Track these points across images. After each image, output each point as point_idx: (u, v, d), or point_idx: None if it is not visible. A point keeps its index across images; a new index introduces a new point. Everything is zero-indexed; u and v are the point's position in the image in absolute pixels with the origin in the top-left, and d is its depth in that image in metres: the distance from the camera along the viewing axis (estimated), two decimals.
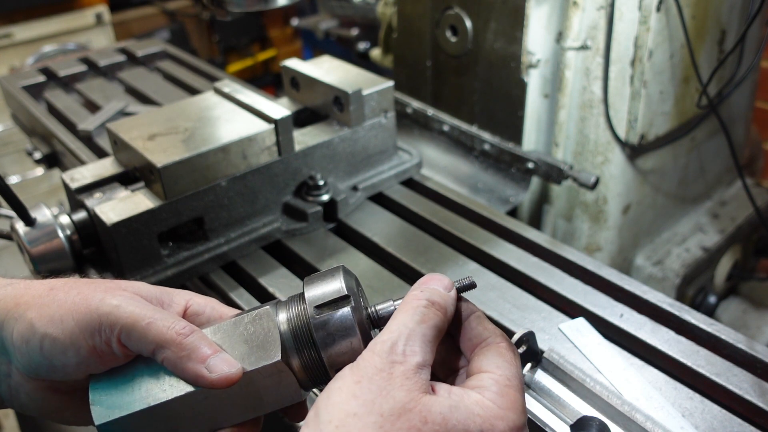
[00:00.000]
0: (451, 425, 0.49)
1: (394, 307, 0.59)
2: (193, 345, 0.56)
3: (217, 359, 0.56)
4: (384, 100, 1.11)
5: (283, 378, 0.58)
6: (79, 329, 0.56)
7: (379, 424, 0.48)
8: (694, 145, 1.38)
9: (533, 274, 0.94)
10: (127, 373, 0.58)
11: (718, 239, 1.39)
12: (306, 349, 0.57)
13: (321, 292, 0.58)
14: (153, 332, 0.56)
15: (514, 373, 0.54)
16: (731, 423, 0.72)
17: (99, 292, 0.58)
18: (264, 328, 0.58)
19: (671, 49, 1.16)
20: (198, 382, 0.56)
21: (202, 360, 0.55)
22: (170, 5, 3.72)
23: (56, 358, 0.57)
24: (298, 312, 0.59)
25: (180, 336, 0.56)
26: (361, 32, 2.21)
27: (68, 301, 0.58)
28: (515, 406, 0.52)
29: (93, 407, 0.57)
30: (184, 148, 0.94)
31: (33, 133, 1.48)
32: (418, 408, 0.49)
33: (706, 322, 0.83)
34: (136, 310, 0.57)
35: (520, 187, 1.24)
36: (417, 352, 0.51)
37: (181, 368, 0.56)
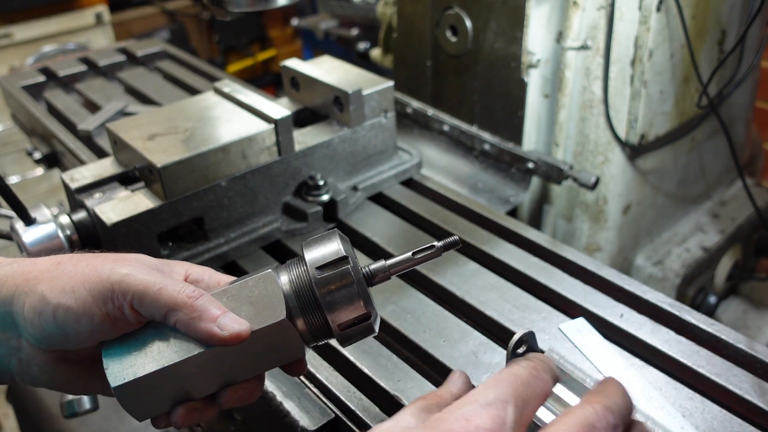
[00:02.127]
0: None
1: (386, 266, 0.64)
2: (204, 306, 0.59)
3: (226, 318, 0.59)
4: (384, 100, 1.11)
5: (287, 335, 0.62)
6: (92, 297, 0.59)
7: None
8: (695, 145, 1.38)
9: (533, 274, 0.94)
10: (139, 338, 0.61)
11: (718, 239, 1.39)
12: (309, 307, 0.61)
13: (320, 254, 0.62)
14: (165, 297, 0.59)
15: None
16: (731, 423, 0.72)
17: (107, 262, 0.61)
18: (268, 290, 0.62)
19: (671, 49, 1.16)
20: (210, 340, 0.59)
21: (213, 320, 0.59)
22: (170, 5, 3.72)
23: (70, 326, 0.59)
24: (299, 273, 0.62)
25: (191, 299, 0.59)
26: (361, 32, 2.21)
27: (78, 273, 0.60)
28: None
29: (107, 370, 0.60)
30: (184, 148, 0.94)
31: (33, 133, 1.48)
32: None
33: (707, 323, 0.83)
34: (146, 277, 0.60)
35: (520, 187, 1.24)
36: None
37: (194, 328, 0.59)
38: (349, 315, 0.61)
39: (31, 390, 1.43)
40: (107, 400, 1.34)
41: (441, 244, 0.64)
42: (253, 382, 0.64)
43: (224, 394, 0.63)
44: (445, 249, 0.64)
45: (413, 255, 0.64)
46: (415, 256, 0.64)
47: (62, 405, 0.88)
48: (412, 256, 0.64)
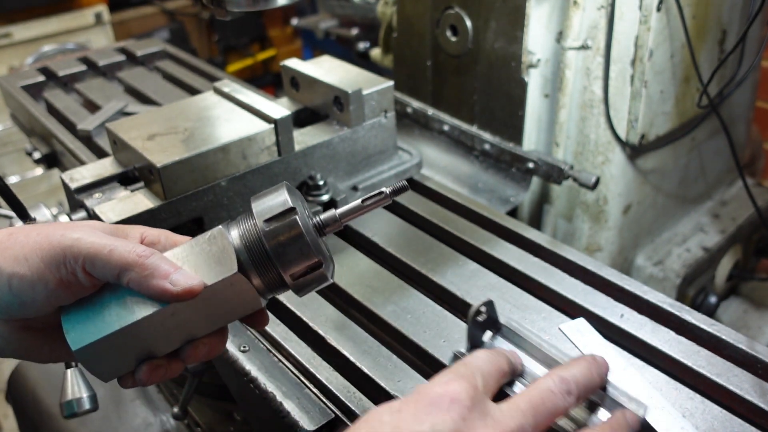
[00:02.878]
0: None
1: (336, 215, 0.65)
2: (155, 264, 0.60)
3: (178, 275, 0.60)
4: (384, 100, 1.11)
5: (242, 288, 0.63)
6: (45, 264, 0.59)
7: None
8: (695, 145, 1.38)
9: (533, 274, 0.94)
10: (96, 302, 0.62)
11: (718, 239, 1.39)
12: (260, 259, 0.62)
13: (268, 206, 0.63)
14: (116, 257, 0.59)
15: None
16: (732, 423, 0.72)
17: (58, 229, 0.61)
18: (219, 246, 0.63)
19: (672, 48, 1.16)
20: (163, 297, 0.60)
21: (165, 276, 0.59)
22: (170, 5, 3.72)
23: (25, 294, 0.60)
24: (249, 227, 0.63)
25: (142, 258, 0.60)
26: (361, 32, 2.21)
27: (30, 241, 0.60)
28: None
29: (68, 335, 0.61)
30: (184, 148, 0.94)
31: (32, 133, 1.48)
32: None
33: (707, 323, 0.83)
34: (96, 240, 0.60)
35: (520, 187, 1.23)
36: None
37: (146, 286, 0.59)
38: (300, 265, 0.62)
39: (30, 390, 1.43)
40: (107, 400, 1.34)
41: (389, 189, 0.65)
42: (215, 337, 0.65)
43: (187, 350, 0.64)
44: (393, 194, 0.65)
45: (362, 202, 0.65)
46: (365, 202, 0.65)
47: (62, 405, 0.88)
48: (361, 203, 0.65)
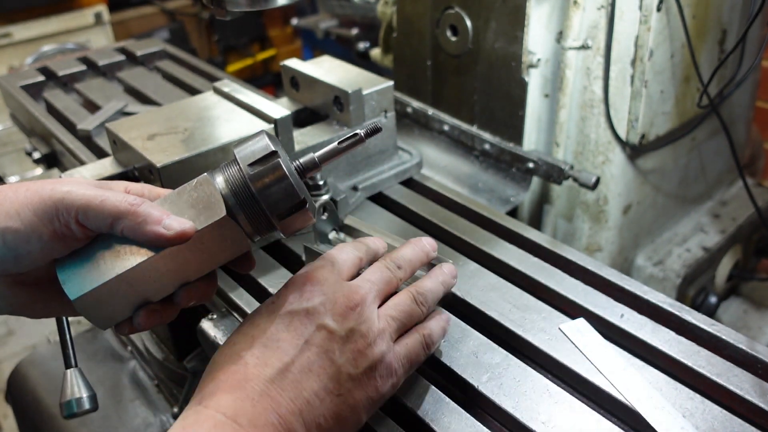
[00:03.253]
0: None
1: (316, 158, 0.69)
2: (147, 211, 0.62)
3: (170, 219, 0.63)
4: (384, 99, 1.11)
5: (231, 231, 0.66)
6: (38, 218, 0.61)
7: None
8: (695, 145, 1.38)
9: (533, 274, 0.94)
10: (89, 252, 0.64)
11: (718, 239, 1.39)
12: (247, 202, 0.65)
13: (250, 151, 0.66)
14: (108, 207, 0.62)
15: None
16: (732, 423, 0.72)
17: (47, 184, 0.63)
18: (206, 192, 0.66)
19: (672, 48, 1.16)
20: (157, 242, 0.62)
21: (158, 222, 0.62)
22: (169, 5, 3.72)
23: (20, 247, 0.62)
24: (233, 173, 0.66)
25: (134, 206, 0.62)
26: (361, 32, 2.21)
27: (20, 197, 0.62)
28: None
29: (65, 285, 0.63)
30: (184, 147, 0.94)
31: (32, 133, 1.48)
32: None
33: (707, 323, 0.83)
34: (87, 191, 0.62)
35: (520, 187, 1.23)
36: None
37: (141, 232, 0.62)
38: (285, 204, 0.65)
39: (30, 390, 1.43)
40: (107, 400, 1.34)
41: (364, 131, 0.69)
42: (206, 281, 0.69)
43: (180, 294, 0.68)
44: (368, 135, 0.69)
45: (339, 144, 0.69)
46: (341, 144, 0.69)
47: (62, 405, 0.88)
48: (337, 146, 0.69)
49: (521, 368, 0.79)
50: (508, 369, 0.79)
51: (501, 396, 0.75)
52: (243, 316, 0.92)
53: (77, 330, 1.57)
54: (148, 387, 1.38)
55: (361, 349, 0.67)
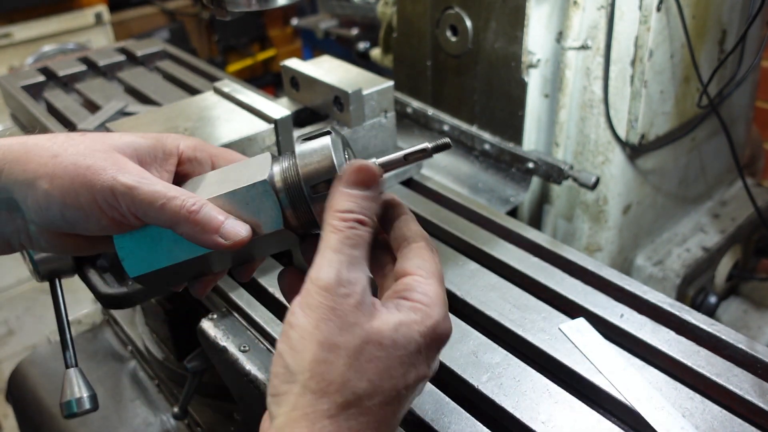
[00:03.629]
0: (400, 344, 0.54)
1: (377, 164, 0.62)
2: (205, 220, 0.62)
3: (227, 227, 0.62)
4: (384, 100, 1.11)
5: (286, 236, 0.65)
6: (97, 203, 0.61)
7: (348, 363, 0.52)
8: (695, 145, 1.38)
9: (533, 274, 0.94)
10: (149, 233, 0.65)
11: (718, 239, 1.39)
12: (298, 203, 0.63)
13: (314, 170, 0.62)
14: (168, 213, 0.61)
15: (433, 270, 0.59)
16: (731, 423, 0.72)
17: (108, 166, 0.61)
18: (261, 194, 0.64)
19: (672, 48, 1.16)
20: (214, 249, 0.63)
21: (215, 231, 0.62)
22: (170, 5, 3.72)
23: (79, 225, 0.63)
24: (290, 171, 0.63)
25: (192, 213, 0.61)
26: (361, 32, 2.21)
27: (79, 175, 0.61)
28: (438, 301, 0.57)
29: (123, 262, 0.65)
30: None
31: (33, 133, 1.48)
32: (374, 338, 0.53)
33: (707, 323, 0.83)
34: (149, 191, 0.61)
35: (520, 187, 1.24)
36: (360, 277, 0.55)
37: (199, 240, 0.62)
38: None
39: (30, 390, 1.43)
40: (107, 400, 1.34)
41: (432, 146, 0.63)
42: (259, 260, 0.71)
43: (239, 270, 0.70)
44: (435, 150, 0.64)
45: (404, 158, 0.64)
46: (407, 158, 0.64)
47: (62, 405, 0.88)
48: (403, 158, 0.64)
49: (521, 368, 0.79)
50: (508, 369, 0.79)
51: (501, 396, 0.75)
52: (243, 316, 0.92)
53: (77, 330, 1.57)
54: (148, 387, 1.38)
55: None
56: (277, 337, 0.86)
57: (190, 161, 0.69)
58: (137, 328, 1.39)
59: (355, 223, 0.56)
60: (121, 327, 1.46)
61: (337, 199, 0.58)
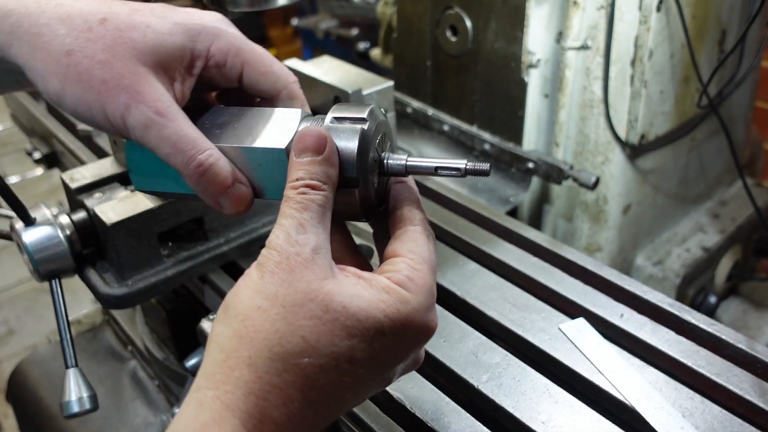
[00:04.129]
0: (352, 312, 0.51)
1: (406, 164, 0.60)
2: (210, 180, 0.58)
3: (230, 195, 0.59)
4: (384, 99, 1.11)
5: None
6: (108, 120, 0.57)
7: (282, 315, 0.50)
8: (695, 145, 1.38)
9: (533, 274, 0.94)
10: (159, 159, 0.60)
11: (718, 239, 1.39)
12: None
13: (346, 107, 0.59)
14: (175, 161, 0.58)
15: (426, 257, 0.56)
16: (731, 423, 0.72)
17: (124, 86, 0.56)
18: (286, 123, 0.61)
19: (671, 48, 1.16)
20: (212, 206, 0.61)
21: (217, 194, 0.59)
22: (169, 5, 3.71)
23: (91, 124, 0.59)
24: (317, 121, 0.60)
25: (199, 169, 0.58)
26: (361, 32, 2.21)
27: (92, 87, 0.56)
28: (423, 289, 0.54)
29: (131, 174, 0.64)
30: None
31: (32, 133, 1.48)
32: (319, 297, 0.51)
33: (707, 323, 0.83)
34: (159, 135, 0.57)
35: (520, 187, 1.24)
36: (311, 236, 0.53)
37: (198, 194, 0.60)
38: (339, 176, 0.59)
39: (30, 390, 1.43)
40: (107, 400, 1.34)
41: (469, 167, 0.59)
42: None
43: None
44: (471, 173, 0.59)
45: (435, 169, 0.60)
46: (438, 171, 0.60)
47: (62, 405, 0.88)
48: (434, 170, 0.60)
49: (521, 368, 0.79)
50: (508, 369, 0.79)
51: (501, 396, 0.75)
52: None
53: (77, 330, 1.57)
54: (148, 387, 1.38)
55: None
56: None
57: (218, 67, 0.62)
58: (137, 328, 1.39)
59: (304, 188, 0.54)
60: (121, 327, 1.46)
61: (289, 169, 0.56)
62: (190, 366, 1.09)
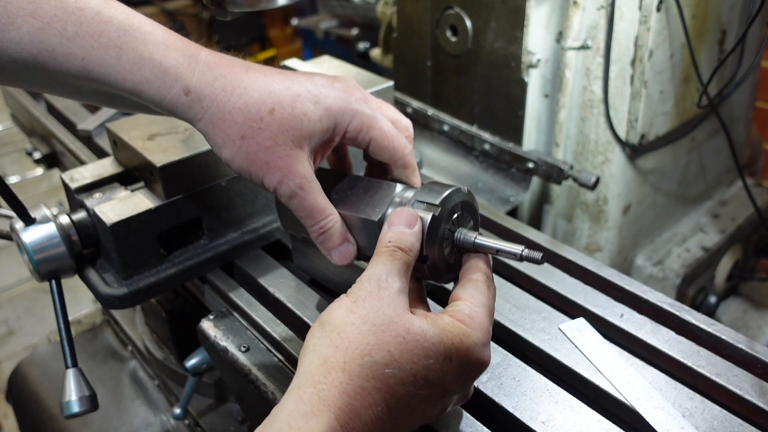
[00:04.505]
0: (429, 337, 0.61)
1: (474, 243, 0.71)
2: (326, 238, 0.74)
3: (338, 252, 0.75)
4: (384, 99, 1.11)
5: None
6: (264, 185, 0.71)
7: (372, 331, 0.60)
8: (695, 145, 1.38)
9: (533, 274, 0.94)
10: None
11: (718, 239, 1.39)
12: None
13: (429, 190, 0.73)
14: (305, 222, 0.73)
15: (484, 302, 0.67)
16: (731, 423, 0.72)
17: (280, 166, 0.70)
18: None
19: (671, 48, 1.16)
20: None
21: (329, 249, 0.75)
22: (170, 5, 3.72)
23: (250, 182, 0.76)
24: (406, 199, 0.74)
25: (320, 231, 0.73)
26: (361, 32, 2.21)
27: (256, 163, 0.70)
28: (481, 327, 0.65)
29: (281, 217, 0.85)
30: (184, 147, 0.94)
31: (32, 133, 1.48)
32: (402, 322, 0.61)
33: (707, 323, 0.83)
34: (297, 205, 0.72)
35: (520, 187, 1.24)
36: (396, 280, 0.64)
37: (317, 245, 0.75)
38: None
39: (30, 390, 1.43)
40: (107, 400, 1.34)
41: (525, 253, 0.68)
42: None
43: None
44: (526, 259, 0.68)
45: (497, 251, 0.70)
46: (498, 254, 0.70)
47: (62, 405, 0.88)
48: (495, 251, 0.70)
49: (521, 368, 0.79)
50: (508, 369, 0.79)
51: (501, 396, 0.75)
52: (243, 316, 0.92)
53: (77, 330, 1.57)
54: (148, 387, 1.38)
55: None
56: (276, 336, 0.86)
57: (351, 140, 0.75)
58: (137, 328, 1.39)
59: (395, 249, 0.66)
60: (121, 327, 1.46)
61: (383, 234, 0.69)
62: (190, 366, 1.09)
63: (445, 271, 0.73)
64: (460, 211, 0.73)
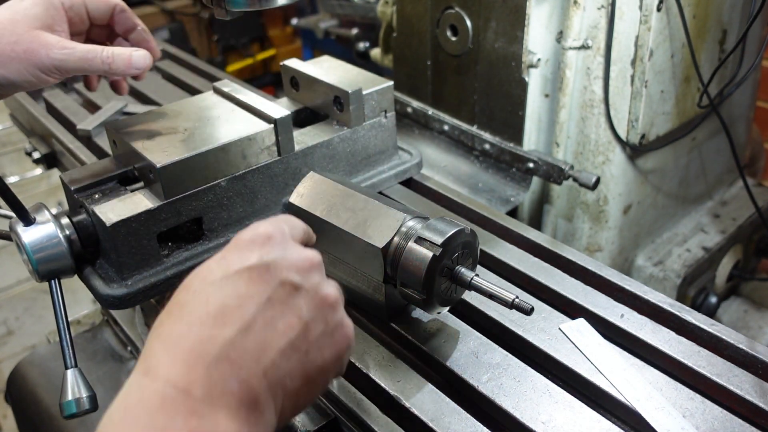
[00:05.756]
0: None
1: (470, 281, 0.76)
2: (117, 64, 0.87)
3: (134, 59, 0.88)
4: (384, 99, 1.11)
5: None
6: (32, 74, 0.82)
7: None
8: (695, 145, 1.38)
9: (533, 274, 0.94)
10: None
11: (719, 239, 1.39)
12: (393, 267, 0.79)
13: (434, 226, 0.77)
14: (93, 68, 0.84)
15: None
16: (732, 423, 0.72)
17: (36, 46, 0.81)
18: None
19: (672, 48, 1.16)
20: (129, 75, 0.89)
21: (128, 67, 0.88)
22: (169, 4, 3.71)
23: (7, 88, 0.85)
24: (408, 231, 0.80)
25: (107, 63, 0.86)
26: (361, 32, 2.21)
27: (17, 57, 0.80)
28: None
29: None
30: (184, 148, 0.94)
31: (32, 133, 1.48)
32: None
33: (707, 323, 0.83)
34: (74, 59, 0.82)
35: (520, 187, 1.23)
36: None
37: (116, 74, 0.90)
38: (409, 287, 0.77)
39: (30, 390, 1.43)
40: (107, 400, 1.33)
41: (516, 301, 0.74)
42: None
43: None
44: (516, 308, 0.74)
45: (490, 295, 0.75)
46: (491, 298, 0.76)
47: (61, 405, 0.88)
48: (489, 295, 0.76)
49: (521, 368, 0.79)
50: (508, 369, 0.79)
51: (501, 396, 0.75)
52: None
53: (77, 330, 1.57)
54: None
55: (329, 306, 0.62)
56: None
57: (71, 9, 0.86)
58: (137, 328, 1.39)
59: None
60: (121, 327, 1.46)
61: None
62: None
63: (440, 305, 0.79)
64: (461, 250, 0.77)
